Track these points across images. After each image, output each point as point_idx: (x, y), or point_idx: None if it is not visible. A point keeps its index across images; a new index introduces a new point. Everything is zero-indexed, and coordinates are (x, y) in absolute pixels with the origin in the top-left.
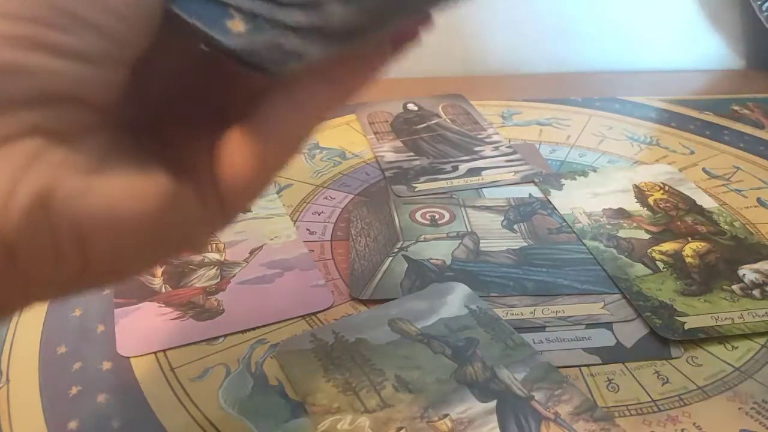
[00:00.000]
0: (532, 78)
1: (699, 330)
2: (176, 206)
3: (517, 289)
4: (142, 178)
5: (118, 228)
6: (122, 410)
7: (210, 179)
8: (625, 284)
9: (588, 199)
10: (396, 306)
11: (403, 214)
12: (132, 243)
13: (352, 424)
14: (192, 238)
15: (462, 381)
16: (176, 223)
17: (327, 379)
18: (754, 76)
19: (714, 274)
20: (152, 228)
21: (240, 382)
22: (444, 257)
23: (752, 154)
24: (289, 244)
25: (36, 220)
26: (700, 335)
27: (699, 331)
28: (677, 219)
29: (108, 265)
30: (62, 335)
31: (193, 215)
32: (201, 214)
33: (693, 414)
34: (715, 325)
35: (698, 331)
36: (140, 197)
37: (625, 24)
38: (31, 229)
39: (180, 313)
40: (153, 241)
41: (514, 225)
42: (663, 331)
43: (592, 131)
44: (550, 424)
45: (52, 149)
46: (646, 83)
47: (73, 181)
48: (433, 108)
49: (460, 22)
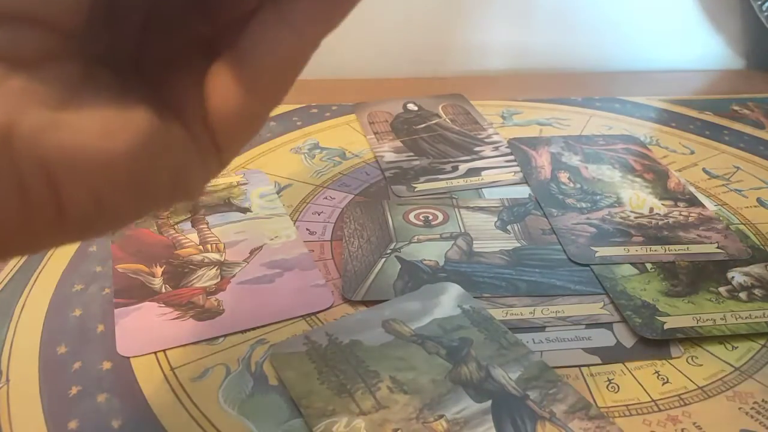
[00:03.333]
0: (532, 78)
1: (678, 330)
2: (161, 145)
3: (509, 289)
4: (120, 113)
5: (93, 168)
6: (122, 410)
7: (200, 117)
8: (610, 283)
9: None
10: (389, 307)
11: (396, 215)
12: (112, 186)
13: (348, 426)
14: (184, 184)
15: (457, 381)
16: (163, 165)
17: (321, 381)
18: (754, 76)
19: (703, 276)
20: (134, 169)
21: (240, 382)
22: (437, 258)
23: (752, 154)
24: (289, 244)
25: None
26: (679, 335)
27: (678, 331)
28: None
29: (88, 211)
30: (62, 335)
31: (182, 156)
32: (192, 155)
33: (693, 414)
34: (695, 326)
35: (677, 331)
36: (117, 133)
37: (625, 24)
38: None
39: (180, 313)
40: (137, 185)
41: (508, 226)
42: (641, 330)
43: (592, 131)
44: (546, 423)
45: (10, 77)
46: (646, 83)
47: (37, 113)
48: (433, 108)
49: (460, 21)
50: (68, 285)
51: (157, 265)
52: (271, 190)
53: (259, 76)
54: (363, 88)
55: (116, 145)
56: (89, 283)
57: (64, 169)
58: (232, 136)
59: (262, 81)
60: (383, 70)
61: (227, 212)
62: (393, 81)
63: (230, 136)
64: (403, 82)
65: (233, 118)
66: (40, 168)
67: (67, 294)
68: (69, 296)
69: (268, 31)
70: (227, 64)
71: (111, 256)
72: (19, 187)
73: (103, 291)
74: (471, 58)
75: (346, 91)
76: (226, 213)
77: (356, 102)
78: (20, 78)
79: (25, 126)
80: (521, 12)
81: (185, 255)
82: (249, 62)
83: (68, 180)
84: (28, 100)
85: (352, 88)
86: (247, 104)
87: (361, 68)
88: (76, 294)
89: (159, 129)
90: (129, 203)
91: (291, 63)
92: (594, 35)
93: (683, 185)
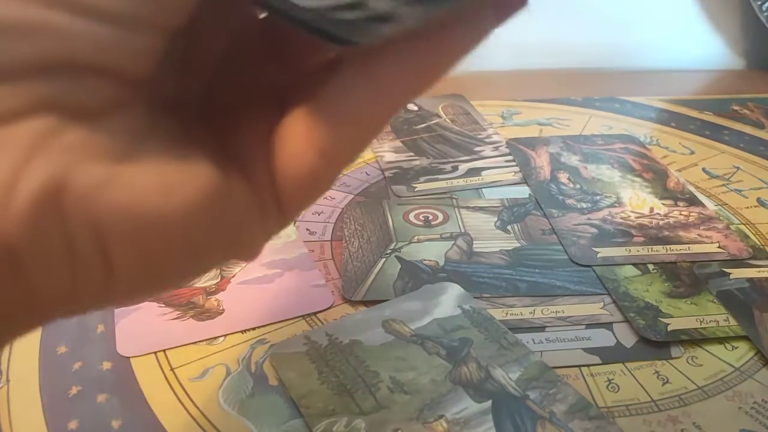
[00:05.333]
0: (532, 78)
1: (682, 332)
2: (223, 204)
3: (509, 289)
4: (181, 168)
5: (147, 227)
6: (122, 410)
7: (266, 173)
8: (612, 285)
9: None
10: (389, 307)
11: (396, 215)
12: (167, 247)
13: (348, 426)
14: (244, 244)
15: (457, 381)
16: (223, 225)
17: (321, 381)
18: (754, 76)
19: (705, 276)
20: (192, 230)
21: (240, 382)
22: (437, 258)
23: (752, 154)
24: (289, 244)
25: (44, 219)
26: (683, 337)
27: (682, 333)
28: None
29: (138, 273)
30: (62, 335)
31: (244, 216)
32: (253, 214)
33: (693, 414)
34: (698, 328)
35: (681, 333)
36: (177, 191)
37: (625, 24)
38: (38, 231)
39: (180, 313)
40: (194, 246)
41: (508, 226)
42: (646, 332)
43: (592, 131)
44: (546, 423)
45: (68, 129)
46: (646, 83)
47: (94, 169)
48: (433, 108)
49: None
50: None
51: None
52: None
53: (336, 134)
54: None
55: (174, 202)
56: None
57: (117, 230)
58: (297, 195)
59: (340, 140)
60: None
61: None
62: None
63: (297, 194)
64: None
65: (304, 177)
66: (92, 229)
67: None
68: None
69: (354, 89)
70: (302, 119)
71: None
72: (69, 249)
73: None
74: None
75: None
76: None
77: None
78: (79, 130)
79: (79, 183)
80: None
81: None
82: (327, 119)
83: (119, 240)
84: (85, 155)
85: None
86: (320, 163)
87: None
88: None
89: (221, 186)
90: (183, 266)
91: (376, 124)
92: (594, 35)
93: (682, 185)
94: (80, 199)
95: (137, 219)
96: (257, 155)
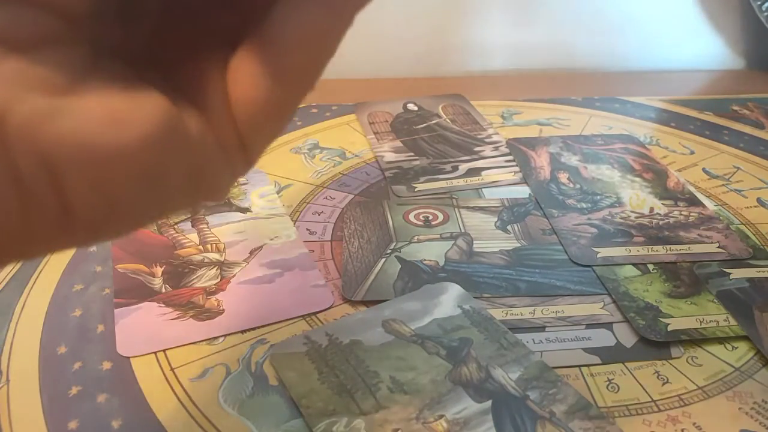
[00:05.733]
0: (532, 78)
1: (682, 332)
2: (177, 137)
3: (509, 290)
4: (130, 100)
5: (99, 160)
6: (122, 410)
7: (224, 109)
8: (612, 285)
9: None
10: (389, 307)
11: (396, 215)
12: (122, 181)
13: (348, 426)
14: (207, 182)
15: (457, 381)
16: (181, 158)
17: (321, 381)
18: (754, 76)
19: (705, 276)
20: (148, 161)
21: (240, 382)
22: (437, 258)
23: (752, 154)
24: (289, 244)
25: None
26: (683, 337)
27: (682, 333)
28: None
29: (96, 210)
30: (62, 335)
31: (203, 152)
32: (215, 152)
33: (693, 414)
34: (699, 328)
35: (681, 333)
36: (127, 121)
37: (625, 24)
38: None
39: (180, 313)
40: (152, 179)
41: (508, 226)
42: (646, 332)
43: (592, 131)
44: (546, 423)
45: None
46: (646, 83)
47: (34, 99)
48: (433, 108)
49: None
50: (68, 285)
51: (157, 265)
52: (271, 190)
53: (287, 57)
54: (363, 88)
55: (125, 134)
56: (89, 283)
57: (66, 163)
58: (257, 128)
59: (291, 63)
60: (383, 70)
61: (227, 212)
62: (393, 81)
63: (256, 128)
64: (403, 82)
65: (259, 107)
66: (39, 161)
67: (67, 294)
68: (69, 296)
69: (297, 9)
70: (253, 48)
71: (111, 256)
72: (16, 183)
73: (103, 291)
74: (471, 58)
75: (346, 91)
76: (226, 213)
77: (356, 102)
78: (17, 61)
79: (21, 114)
80: (521, 12)
81: (185, 255)
82: (276, 43)
83: (72, 175)
84: (25, 85)
85: (352, 88)
86: (274, 90)
87: (361, 68)
88: (76, 294)
89: (175, 119)
90: (143, 202)
91: (322, 42)
92: (594, 35)
93: (682, 184)
94: (22, 128)
95: (87, 150)
96: (214, 93)
